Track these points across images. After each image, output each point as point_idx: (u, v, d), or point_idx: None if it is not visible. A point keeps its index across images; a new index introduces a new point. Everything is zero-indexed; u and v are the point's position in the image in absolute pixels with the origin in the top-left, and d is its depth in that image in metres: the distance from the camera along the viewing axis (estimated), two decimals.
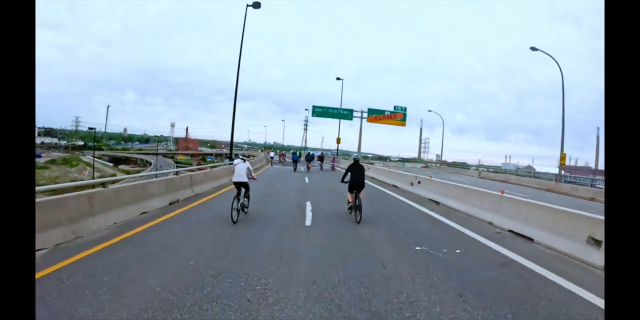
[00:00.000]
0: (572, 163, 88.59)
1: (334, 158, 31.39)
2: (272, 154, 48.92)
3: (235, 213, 7.19)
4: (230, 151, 22.72)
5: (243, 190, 7.73)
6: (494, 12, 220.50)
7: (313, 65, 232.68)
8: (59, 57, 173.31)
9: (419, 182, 14.06)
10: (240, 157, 8.01)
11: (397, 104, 43.15)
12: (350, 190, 8.06)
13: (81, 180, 55.07)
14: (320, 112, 41.09)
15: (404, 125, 42.29)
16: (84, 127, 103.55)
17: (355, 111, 41.27)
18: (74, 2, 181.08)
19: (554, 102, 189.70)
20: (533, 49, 26.12)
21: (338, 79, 41.90)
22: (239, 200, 7.45)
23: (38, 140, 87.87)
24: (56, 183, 50.62)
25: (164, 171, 18.20)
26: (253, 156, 48.25)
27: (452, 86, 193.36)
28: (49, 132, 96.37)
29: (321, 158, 31.65)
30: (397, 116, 41.49)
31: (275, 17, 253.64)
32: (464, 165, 54.85)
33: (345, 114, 41.28)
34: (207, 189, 12.49)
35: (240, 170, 7.69)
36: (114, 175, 63.35)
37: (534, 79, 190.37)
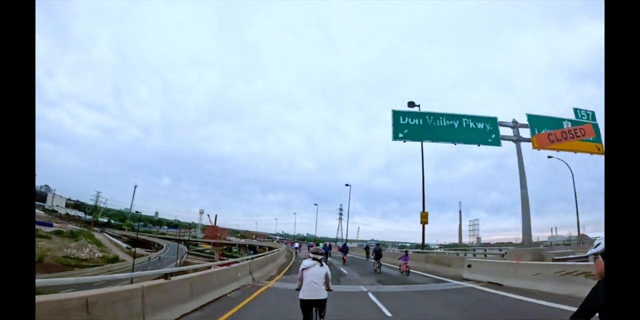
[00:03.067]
0: None
1: (406, 252, 17.02)
2: (296, 244, 40.71)
3: None
4: None
5: (315, 310, 4.62)
6: (514, 85, 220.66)
7: (342, 156, 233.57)
8: (101, 137, 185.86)
9: None
10: (312, 255, 4.83)
11: (428, 191, 20.11)
12: None
13: (73, 256, 46.80)
14: (415, 129, 16.58)
15: (599, 151, 17.36)
16: (114, 206, 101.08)
17: (503, 125, 17.52)
18: (118, 89, 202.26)
19: (589, 162, 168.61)
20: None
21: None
22: None
23: (63, 211, 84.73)
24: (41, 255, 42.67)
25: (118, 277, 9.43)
26: (270, 248, 38.74)
27: (482, 165, 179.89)
28: (78, 205, 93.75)
29: (378, 253, 17.52)
30: (586, 132, 17.50)
31: (303, 110, 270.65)
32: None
33: (480, 132, 16.87)
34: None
35: (316, 279, 4.66)
36: (117, 256, 54.83)
37: None
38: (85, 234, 61.69)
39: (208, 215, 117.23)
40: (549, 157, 28.68)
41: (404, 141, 16.68)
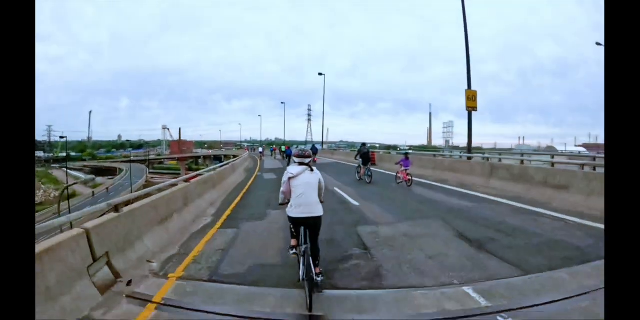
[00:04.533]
0: (585, 140, 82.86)
1: (407, 156, 12.39)
2: (260, 149, 42.02)
3: (307, 288, 3.23)
4: None
5: (308, 233, 3.63)
6: None
7: (308, 58, 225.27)
8: (48, 68, 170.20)
9: None
10: (297, 160, 3.82)
11: (397, 93, 16.18)
12: None
13: None
14: None
15: None
16: (73, 138, 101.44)
17: None
18: (59, 12, 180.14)
19: (560, 78, 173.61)
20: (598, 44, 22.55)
21: None
22: (306, 256, 3.40)
23: None
24: None
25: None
26: (234, 157, 33.86)
27: (453, 70, 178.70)
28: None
29: (366, 157, 13.19)
30: None
31: (265, 11, 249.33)
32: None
33: None
34: None
35: (310, 189, 3.66)
36: (74, 192, 58.72)
37: (538, 56, 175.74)
38: (41, 175, 64.15)
39: (169, 130, 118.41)
40: (598, 44, 23.20)
41: None
